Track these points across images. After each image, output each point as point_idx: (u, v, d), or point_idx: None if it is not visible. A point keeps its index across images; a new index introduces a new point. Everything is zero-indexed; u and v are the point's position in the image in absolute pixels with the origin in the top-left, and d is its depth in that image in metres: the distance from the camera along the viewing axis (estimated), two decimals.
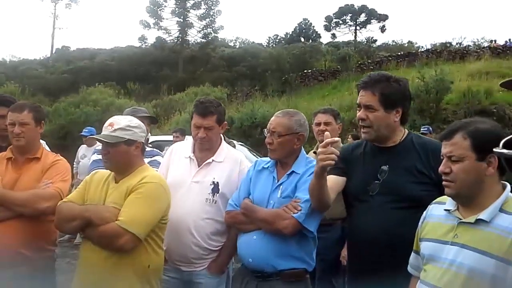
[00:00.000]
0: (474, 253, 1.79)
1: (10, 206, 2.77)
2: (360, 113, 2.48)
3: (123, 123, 2.65)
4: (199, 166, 3.05)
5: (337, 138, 2.30)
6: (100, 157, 3.52)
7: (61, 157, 3.14)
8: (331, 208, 3.25)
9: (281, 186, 2.74)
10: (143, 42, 39.32)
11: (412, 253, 2.16)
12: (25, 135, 2.93)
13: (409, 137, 2.51)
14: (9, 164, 2.96)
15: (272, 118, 2.80)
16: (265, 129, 2.82)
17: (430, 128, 10.50)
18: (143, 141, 2.75)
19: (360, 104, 2.48)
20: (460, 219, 1.90)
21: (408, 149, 2.45)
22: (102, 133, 2.63)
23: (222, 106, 3.10)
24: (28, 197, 2.80)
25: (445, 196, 2.03)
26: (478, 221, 1.84)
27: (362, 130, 2.50)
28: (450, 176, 1.90)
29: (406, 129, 2.56)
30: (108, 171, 2.76)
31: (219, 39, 42.07)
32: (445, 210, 1.99)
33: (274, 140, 2.73)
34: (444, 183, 1.94)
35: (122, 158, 2.63)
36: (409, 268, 2.18)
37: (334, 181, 2.55)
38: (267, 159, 2.91)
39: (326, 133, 2.38)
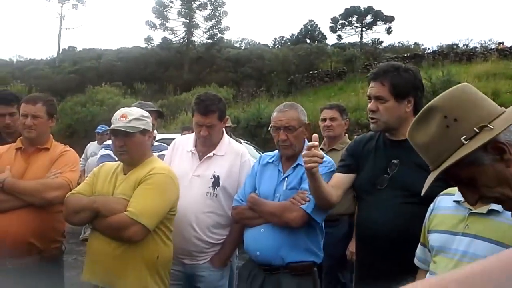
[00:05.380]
0: (487, 243, 1.76)
1: (19, 196, 2.77)
2: (370, 105, 2.43)
3: (137, 114, 2.67)
4: (200, 160, 3.06)
5: (316, 143, 2.26)
6: (107, 152, 3.55)
7: (70, 148, 3.15)
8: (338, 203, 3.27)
9: (286, 179, 2.73)
10: (149, 43, 39.31)
11: (419, 246, 2.12)
12: (37, 128, 2.95)
13: None
14: (18, 154, 2.97)
15: (279, 115, 2.72)
16: (272, 127, 2.75)
17: None
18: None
19: (370, 96, 2.43)
20: (471, 209, 1.87)
21: None
22: (116, 125, 2.62)
23: (222, 101, 3.09)
24: (37, 186, 2.81)
25: (453, 188, 1.99)
26: (490, 212, 1.81)
27: (371, 121, 2.45)
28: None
29: None
30: (116, 163, 2.76)
31: (225, 40, 41.99)
32: (455, 201, 1.96)
33: (289, 136, 2.69)
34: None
35: (138, 148, 2.65)
36: (415, 261, 2.14)
37: (340, 179, 2.53)
38: (272, 153, 2.90)
39: (314, 135, 2.36)
